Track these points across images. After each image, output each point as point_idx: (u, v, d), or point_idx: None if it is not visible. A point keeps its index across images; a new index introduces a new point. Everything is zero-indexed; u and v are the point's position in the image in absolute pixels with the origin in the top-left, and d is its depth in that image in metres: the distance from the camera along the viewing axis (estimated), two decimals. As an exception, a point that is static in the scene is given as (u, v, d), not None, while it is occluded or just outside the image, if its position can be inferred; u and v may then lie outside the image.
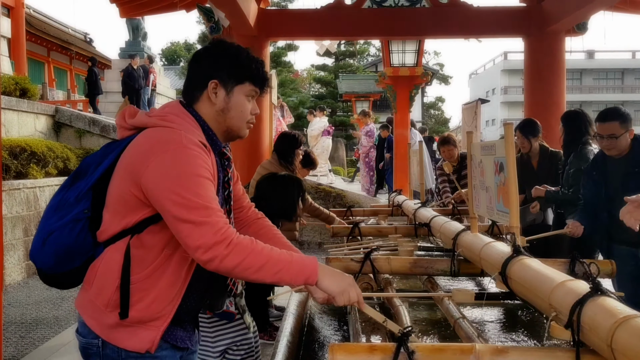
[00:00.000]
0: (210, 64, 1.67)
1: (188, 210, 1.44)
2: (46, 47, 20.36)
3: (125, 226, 1.55)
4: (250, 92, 1.69)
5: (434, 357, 1.40)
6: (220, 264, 1.44)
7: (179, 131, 1.54)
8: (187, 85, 1.70)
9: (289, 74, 28.60)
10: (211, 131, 1.66)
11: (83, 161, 1.68)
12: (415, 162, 5.02)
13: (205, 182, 1.50)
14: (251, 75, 1.68)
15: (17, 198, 6.85)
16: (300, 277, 1.50)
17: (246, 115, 1.70)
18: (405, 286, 3.26)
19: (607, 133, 3.20)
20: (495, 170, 2.26)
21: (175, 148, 1.49)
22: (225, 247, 1.44)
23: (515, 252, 1.98)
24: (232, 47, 1.69)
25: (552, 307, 1.56)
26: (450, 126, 37.14)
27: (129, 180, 1.52)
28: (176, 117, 1.60)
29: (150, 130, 1.58)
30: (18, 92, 9.65)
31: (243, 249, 1.46)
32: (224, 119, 1.67)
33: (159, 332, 1.57)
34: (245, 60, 1.68)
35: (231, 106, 1.66)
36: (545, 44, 6.71)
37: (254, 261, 1.46)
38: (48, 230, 1.58)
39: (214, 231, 1.44)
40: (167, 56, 38.02)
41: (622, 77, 46.03)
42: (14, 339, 4.63)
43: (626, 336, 1.23)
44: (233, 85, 1.66)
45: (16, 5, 15.73)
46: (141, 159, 1.51)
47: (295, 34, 8.05)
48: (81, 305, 1.63)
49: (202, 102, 1.66)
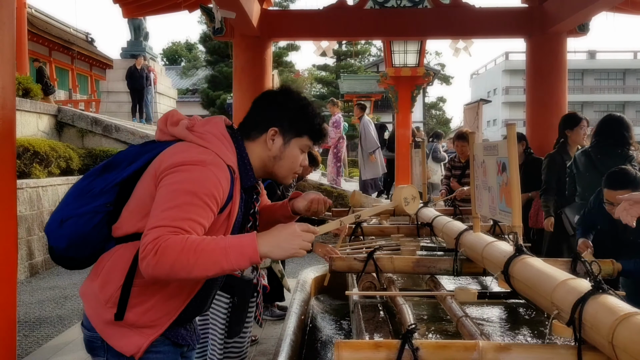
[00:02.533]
0: (275, 110, 1.69)
1: (151, 219, 1.45)
2: (48, 47, 20.40)
3: (139, 229, 1.55)
4: (305, 146, 1.72)
5: (438, 354, 1.42)
6: (153, 272, 1.41)
7: (212, 152, 1.56)
8: (247, 122, 1.71)
9: (291, 74, 28.61)
10: (249, 165, 1.67)
11: (118, 154, 1.69)
12: (417, 162, 5.04)
13: (198, 203, 1.47)
14: (311, 131, 1.71)
15: (20, 198, 6.87)
16: (242, 260, 1.43)
17: (295, 167, 1.74)
18: (408, 285, 3.28)
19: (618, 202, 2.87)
20: (498, 170, 2.27)
21: (195, 169, 1.51)
22: (154, 255, 1.39)
23: (517, 252, 2.00)
24: (300, 100, 1.72)
25: (554, 305, 1.58)
26: (451, 126, 37.13)
27: (152, 184, 1.55)
28: (214, 138, 1.61)
29: (186, 144, 1.59)
30: (21, 92, 9.69)
31: (170, 251, 1.39)
32: (273, 164, 1.70)
33: (147, 340, 1.58)
34: (310, 116, 1.70)
35: (284, 156, 1.69)
36: (546, 45, 6.71)
37: (185, 260, 1.39)
38: (67, 214, 1.60)
39: (151, 239, 1.40)
40: (168, 56, 38.03)
41: (623, 78, 45.99)
42: (18, 337, 4.63)
43: (627, 333, 1.25)
44: (291, 137, 1.69)
45: (18, 5, 15.75)
46: (166, 166, 1.53)
47: (297, 35, 8.06)
48: (85, 294, 1.65)
49: (257, 142, 1.68)
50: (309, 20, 7.30)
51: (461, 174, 5.61)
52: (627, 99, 45.06)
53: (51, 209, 7.42)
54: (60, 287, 6.34)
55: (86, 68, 24.33)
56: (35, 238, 7.10)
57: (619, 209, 2.34)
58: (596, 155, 4.02)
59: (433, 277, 2.81)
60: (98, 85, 21.11)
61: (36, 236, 7.12)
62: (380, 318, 2.54)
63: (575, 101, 41.46)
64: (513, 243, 2.07)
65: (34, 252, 7.03)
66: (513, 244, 2.06)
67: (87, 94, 22.88)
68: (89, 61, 24.13)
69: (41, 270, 7.13)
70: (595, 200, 3.43)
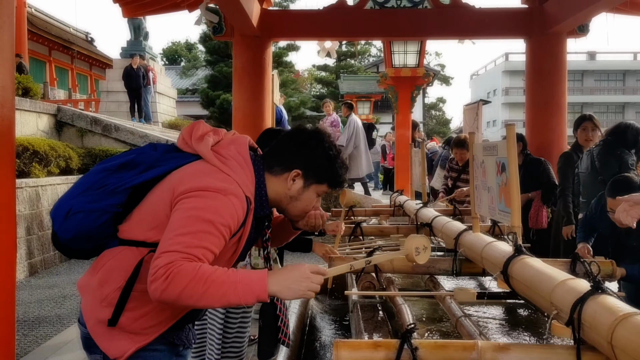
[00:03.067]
0: (303, 153, 1.69)
1: (164, 241, 1.45)
2: (48, 46, 20.40)
3: (146, 238, 1.56)
4: (323, 192, 1.73)
5: (437, 354, 1.42)
6: (161, 296, 1.40)
7: (233, 181, 1.56)
8: (273, 155, 1.71)
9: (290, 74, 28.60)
10: (265, 196, 1.67)
11: (137, 154, 1.66)
12: (417, 163, 5.04)
13: (210, 229, 1.48)
14: (333, 180, 1.72)
15: (20, 197, 6.87)
16: (249, 296, 1.43)
17: (309, 209, 1.75)
18: (407, 285, 3.28)
19: None
20: (497, 170, 2.28)
21: (216, 193, 1.51)
22: (164, 280, 1.39)
23: (516, 252, 2.00)
24: (331, 149, 1.71)
25: (553, 306, 1.58)
26: (451, 127, 37.14)
27: (167, 199, 1.55)
28: (237, 166, 1.61)
29: (209, 167, 1.58)
30: (20, 92, 9.69)
31: (181, 278, 1.39)
32: (287, 203, 1.71)
33: (133, 347, 1.57)
34: (336, 168, 1.71)
35: (301, 198, 1.70)
36: (546, 45, 6.71)
37: (194, 290, 1.39)
38: (77, 207, 1.59)
39: (163, 264, 1.40)
40: (168, 56, 38.01)
41: (623, 79, 46.00)
42: (17, 337, 4.62)
43: (626, 333, 1.25)
44: (313, 183, 1.70)
45: (18, 4, 15.75)
46: (185, 187, 1.52)
47: (297, 35, 8.06)
48: (83, 287, 1.66)
49: (277, 178, 1.68)
50: (309, 20, 7.30)
51: (457, 176, 5.62)
52: (627, 100, 45.07)
53: (50, 208, 7.41)
54: (59, 287, 6.34)
55: (86, 68, 24.33)
56: (34, 237, 7.09)
57: (619, 210, 2.34)
58: (596, 156, 4.04)
59: (432, 277, 2.81)
60: (98, 84, 21.12)
61: (35, 235, 7.11)
62: (379, 318, 2.54)
63: (575, 102, 41.47)
64: (512, 243, 2.07)
65: (33, 251, 7.02)
66: (512, 244, 2.07)
67: (86, 94, 22.87)
68: (89, 61, 24.13)
69: (40, 270, 7.13)
70: (597, 204, 3.42)
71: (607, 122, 44.75)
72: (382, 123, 25.08)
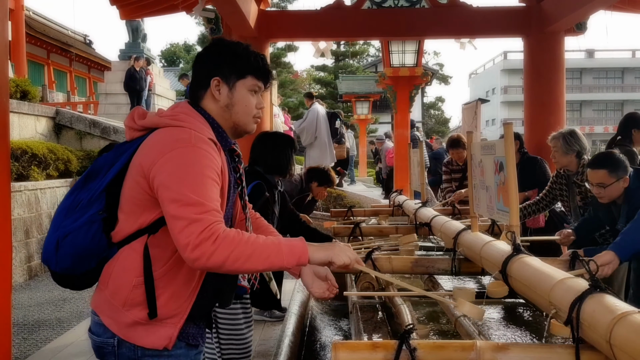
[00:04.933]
0: (211, 62, 1.69)
1: (183, 207, 1.45)
2: (46, 49, 20.39)
3: (140, 226, 1.56)
4: (253, 86, 1.70)
5: (436, 354, 1.42)
6: (207, 261, 1.43)
7: (189, 130, 1.56)
8: (192, 86, 1.72)
9: (289, 75, 28.62)
10: (220, 128, 1.68)
11: (95, 162, 1.68)
12: (415, 163, 5.04)
13: (208, 181, 1.51)
14: (252, 69, 1.69)
15: (19, 200, 6.86)
16: (291, 258, 1.49)
17: (251, 110, 1.71)
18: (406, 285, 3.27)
19: (596, 182, 3.02)
20: (495, 169, 2.27)
21: (184, 146, 1.51)
22: (212, 243, 1.42)
23: (515, 251, 2.00)
24: (231, 44, 1.71)
25: (551, 305, 1.58)
26: (450, 126, 37.17)
27: (141, 178, 1.54)
28: (186, 116, 1.61)
29: (161, 130, 1.59)
30: (19, 95, 9.67)
31: (230, 242, 1.44)
32: (229, 115, 1.68)
33: (176, 329, 1.59)
34: (244, 55, 1.68)
35: (235, 101, 1.68)
36: (544, 44, 6.71)
37: (242, 252, 1.45)
38: (63, 232, 1.58)
39: (202, 229, 1.43)
40: (166, 57, 38.02)
41: (622, 76, 46.00)
42: (16, 340, 4.64)
43: (625, 332, 1.25)
44: (235, 81, 1.67)
45: (16, 7, 15.75)
46: (151, 157, 1.53)
47: (295, 35, 8.04)
48: (97, 306, 1.64)
49: (206, 100, 1.68)
50: (307, 20, 7.30)
51: (462, 176, 5.60)
52: (625, 98, 45.06)
53: (50, 211, 7.41)
54: (59, 290, 6.32)
55: (84, 70, 24.34)
56: (33, 241, 7.08)
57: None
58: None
59: (431, 277, 2.80)
60: (96, 87, 21.11)
61: (35, 239, 7.10)
62: (378, 318, 2.54)
63: (574, 100, 41.48)
64: (511, 242, 2.07)
65: (32, 255, 7.01)
66: (511, 243, 2.06)
67: (85, 96, 22.84)
68: (87, 63, 24.13)
69: (40, 273, 7.12)
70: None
71: (606, 119, 44.85)
72: (381, 123, 25.11)
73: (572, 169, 3.75)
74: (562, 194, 3.90)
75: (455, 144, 5.55)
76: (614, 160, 3.01)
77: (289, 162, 3.36)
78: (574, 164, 3.72)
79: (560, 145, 3.69)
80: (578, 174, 3.70)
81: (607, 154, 3.17)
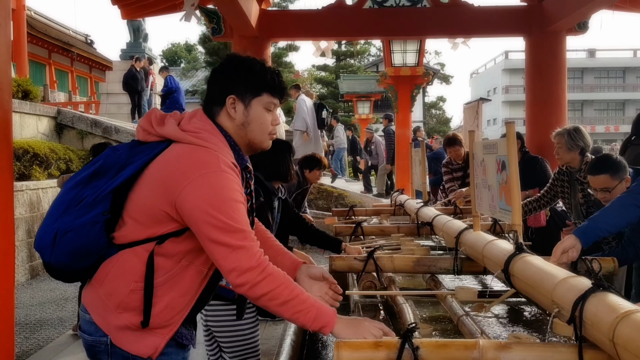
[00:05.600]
0: (226, 79, 1.67)
1: (225, 234, 1.47)
2: (47, 49, 20.38)
3: (149, 235, 1.55)
4: (268, 104, 1.69)
5: (438, 353, 1.41)
6: (250, 289, 1.48)
7: (215, 153, 1.55)
8: (207, 102, 1.70)
9: (290, 75, 28.59)
10: (237, 147, 1.66)
11: (104, 160, 1.62)
12: (417, 162, 5.04)
13: (240, 207, 1.53)
14: (268, 86, 1.68)
15: (20, 200, 6.87)
16: (317, 323, 1.50)
17: (267, 127, 1.70)
18: (408, 285, 3.28)
19: (600, 187, 2.97)
20: (498, 168, 2.27)
21: (213, 172, 1.51)
22: (259, 274, 1.47)
23: (517, 250, 2.00)
24: (246, 60, 1.69)
25: (554, 304, 1.58)
26: (451, 126, 37.11)
27: (162, 197, 1.52)
28: (209, 135, 1.59)
29: (185, 147, 1.57)
30: (20, 94, 9.67)
31: (275, 279, 1.49)
32: (245, 132, 1.67)
33: (164, 340, 1.59)
34: (260, 72, 1.67)
35: (251, 120, 1.66)
36: (546, 43, 6.70)
37: (282, 294, 1.49)
38: (63, 228, 1.55)
39: (248, 256, 1.48)
40: (167, 57, 38.00)
41: (623, 76, 45.93)
42: (18, 339, 4.65)
43: (628, 331, 1.25)
44: (251, 99, 1.66)
45: (17, 7, 15.75)
46: (178, 178, 1.51)
47: (296, 35, 8.05)
48: (90, 303, 1.62)
49: (222, 117, 1.66)
50: (308, 20, 7.30)
51: (464, 174, 5.59)
52: (627, 97, 45.00)
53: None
54: (61, 289, 6.33)
55: (86, 70, 24.32)
56: (35, 240, 7.09)
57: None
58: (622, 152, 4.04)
59: (433, 276, 2.80)
60: (98, 87, 21.10)
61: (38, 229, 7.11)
62: (380, 318, 2.54)
63: (575, 100, 41.42)
64: (513, 241, 2.06)
65: (34, 254, 7.02)
66: (513, 242, 2.06)
67: (86, 96, 22.85)
68: (89, 63, 24.12)
69: (42, 273, 7.13)
70: None
71: (607, 119, 44.80)
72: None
73: (575, 166, 3.74)
74: (563, 191, 3.89)
75: (451, 142, 5.55)
76: (614, 163, 2.98)
77: (289, 167, 3.36)
78: (577, 161, 3.72)
79: (564, 142, 3.68)
80: (581, 171, 3.69)
81: (605, 157, 3.13)
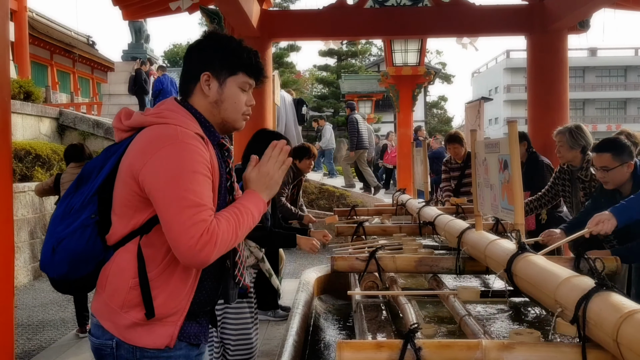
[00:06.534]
0: (202, 56, 1.66)
1: (179, 210, 1.45)
2: (49, 50, 20.41)
3: (133, 227, 1.55)
4: (244, 83, 1.67)
5: (441, 353, 1.41)
6: (207, 259, 1.48)
7: (174, 126, 1.54)
8: (182, 80, 1.70)
9: (291, 75, 28.59)
10: (208, 123, 1.65)
11: (85, 166, 1.67)
12: (419, 161, 5.03)
13: (199, 178, 1.50)
14: (244, 66, 1.66)
15: (23, 201, 6.88)
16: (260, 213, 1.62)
17: (240, 107, 1.68)
18: (410, 284, 3.27)
19: (600, 165, 3.00)
20: (500, 168, 2.26)
21: (171, 143, 1.49)
22: (213, 245, 1.46)
23: (520, 249, 1.99)
24: (223, 38, 1.68)
25: (557, 303, 1.57)
26: (453, 125, 37.06)
27: (131, 180, 1.53)
28: (171, 112, 1.60)
29: (147, 128, 1.58)
30: (22, 95, 9.70)
31: (225, 237, 1.50)
32: (218, 111, 1.66)
33: (176, 327, 1.58)
34: (237, 50, 1.65)
35: (224, 98, 1.65)
36: (547, 42, 6.69)
37: (235, 239, 1.55)
38: (57, 238, 1.57)
39: (201, 233, 1.45)
40: (169, 58, 38.01)
41: (625, 75, 45.84)
42: (21, 341, 4.65)
43: (632, 331, 1.24)
44: (226, 77, 1.64)
45: (19, 8, 15.78)
46: (139, 157, 1.51)
47: (297, 35, 8.05)
48: (97, 309, 1.63)
49: (196, 95, 1.66)
50: (309, 20, 7.29)
51: (461, 174, 5.58)
52: (628, 96, 44.92)
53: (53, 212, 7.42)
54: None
55: (87, 71, 24.35)
56: (38, 241, 7.09)
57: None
58: None
59: (435, 276, 2.80)
60: (100, 88, 21.13)
61: (39, 239, 7.11)
62: (382, 318, 2.54)
63: (577, 99, 41.34)
64: (516, 241, 2.06)
65: (36, 255, 7.02)
66: (516, 241, 2.05)
67: (88, 97, 22.89)
68: (91, 64, 24.15)
69: (44, 274, 7.13)
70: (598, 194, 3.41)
71: (609, 118, 44.73)
72: (384, 122, 25.06)
73: (576, 164, 3.74)
74: (564, 189, 3.88)
75: (452, 139, 5.54)
76: (619, 145, 3.03)
77: None
78: (578, 159, 3.71)
79: (566, 140, 3.68)
80: (582, 169, 3.68)
81: (613, 138, 3.19)
